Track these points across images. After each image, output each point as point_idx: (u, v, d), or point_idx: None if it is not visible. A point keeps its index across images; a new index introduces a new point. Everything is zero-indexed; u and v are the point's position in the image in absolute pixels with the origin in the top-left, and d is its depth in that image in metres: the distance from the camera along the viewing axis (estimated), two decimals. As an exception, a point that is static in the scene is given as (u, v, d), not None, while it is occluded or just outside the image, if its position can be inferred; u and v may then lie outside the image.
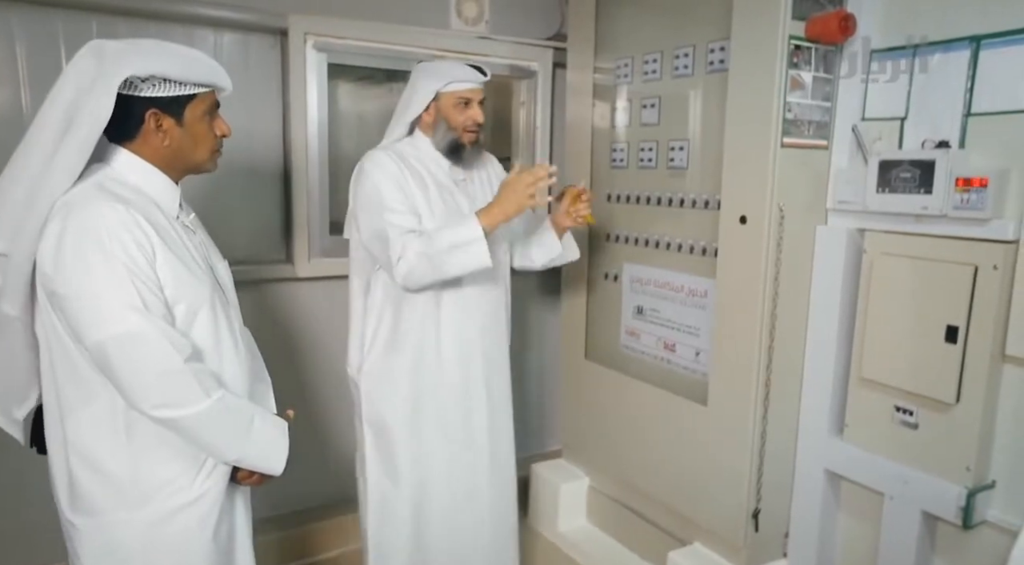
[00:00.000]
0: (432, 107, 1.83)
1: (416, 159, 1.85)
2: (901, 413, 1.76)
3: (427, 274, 1.72)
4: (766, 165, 1.81)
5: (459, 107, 1.83)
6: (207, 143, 1.31)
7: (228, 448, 1.27)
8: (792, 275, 1.89)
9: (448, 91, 1.81)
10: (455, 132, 1.84)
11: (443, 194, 1.85)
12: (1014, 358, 1.59)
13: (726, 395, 2.00)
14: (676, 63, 2.12)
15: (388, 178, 1.76)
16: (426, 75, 1.84)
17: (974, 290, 1.59)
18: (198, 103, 1.27)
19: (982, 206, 1.56)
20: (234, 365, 1.34)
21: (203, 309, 1.27)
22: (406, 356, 1.86)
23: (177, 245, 1.25)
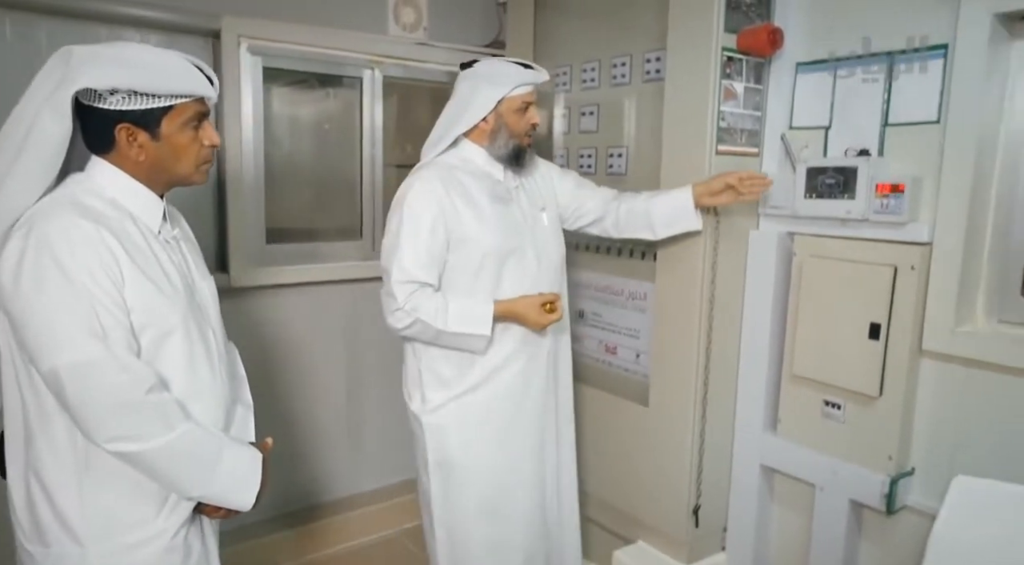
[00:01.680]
0: (492, 115, 1.73)
1: (467, 172, 1.75)
2: (830, 407, 1.85)
3: (423, 338, 1.72)
4: (703, 171, 1.87)
5: (520, 111, 1.75)
6: (190, 156, 1.22)
7: (191, 484, 1.19)
8: (727, 278, 1.96)
9: (512, 97, 1.73)
10: (517, 138, 1.76)
11: (496, 206, 1.75)
12: (930, 353, 1.70)
13: (667, 396, 2.05)
14: (614, 72, 2.17)
15: (424, 217, 1.67)
16: (486, 81, 1.72)
17: (894, 289, 1.69)
18: (176, 114, 1.18)
19: (900, 210, 1.67)
20: (211, 391, 1.26)
21: (175, 333, 1.19)
22: (478, 388, 1.78)
23: (150, 265, 1.17)
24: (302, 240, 2.54)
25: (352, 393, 2.67)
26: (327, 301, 2.56)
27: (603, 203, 1.95)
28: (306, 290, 2.47)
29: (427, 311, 1.67)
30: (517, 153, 1.78)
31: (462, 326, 1.68)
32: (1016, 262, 1.65)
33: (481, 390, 1.78)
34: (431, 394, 1.79)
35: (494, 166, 1.78)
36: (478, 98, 1.72)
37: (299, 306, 2.48)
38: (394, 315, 1.69)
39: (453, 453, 1.79)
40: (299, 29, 2.32)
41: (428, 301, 1.67)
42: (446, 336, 1.69)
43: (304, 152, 2.57)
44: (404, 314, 1.67)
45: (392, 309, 1.68)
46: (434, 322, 1.67)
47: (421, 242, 1.67)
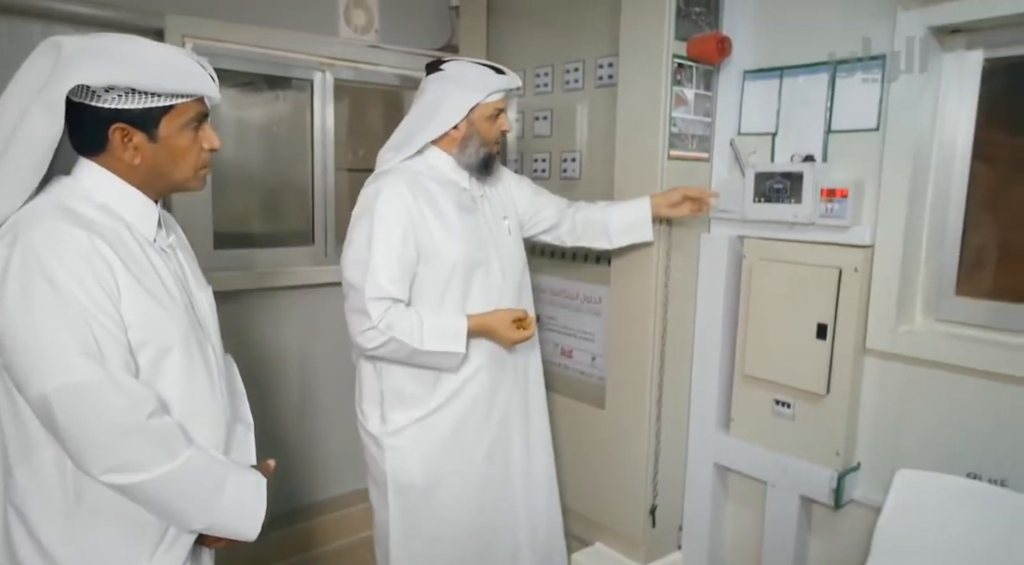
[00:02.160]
0: (464, 122, 1.67)
1: (432, 180, 1.69)
2: (780, 406, 1.90)
3: (396, 357, 1.64)
4: (655, 176, 1.90)
5: (492, 118, 1.69)
6: (189, 159, 1.13)
7: (195, 515, 1.10)
8: (680, 281, 2.00)
9: (486, 103, 1.66)
10: (487, 146, 1.70)
11: (463, 216, 1.70)
12: (873, 351, 1.76)
13: (622, 398, 2.07)
14: (567, 77, 2.19)
15: (394, 227, 1.59)
16: (459, 86, 1.64)
17: (839, 291, 1.75)
18: (176, 115, 1.09)
19: (843, 214, 1.73)
20: (211, 411, 1.18)
21: (175, 350, 1.10)
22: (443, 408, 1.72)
23: (148, 276, 1.08)
24: (252, 246, 2.47)
25: (306, 401, 2.61)
26: (279, 307, 2.50)
27: (558, 211, 1.95)
28: (256, 296, 2.41)
29: (402, 329, 1.58)
30: (487, 161, 1.72)
31: (438, 344, 1.61)
32: (951, 263, 1.72)
33: (447, 409, 1.72)
34: (393, 415, 1.71)
35: (460, 174, 1.73)
36: (449, 104, 1.65)
37: (249, 313, 2.42)
38: (365, 335, 1.59)
39: (415, 475, 1.71)
40: (247, 29, 2.26)
41: (403, 319, 1.59)
42: (420, 355, 1.62)
43: (253, 156, 2.51)
44: (377, 333, 1.58)
45: (363, 328, 1.58)
46: (410, 341, 1.59)
47: (393, 255, 1.59)
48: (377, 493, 1.77)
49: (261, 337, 2.47)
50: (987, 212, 1.68)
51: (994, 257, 1.68)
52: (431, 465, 1.72)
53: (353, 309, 1.61)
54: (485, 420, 1.78)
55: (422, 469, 1.72)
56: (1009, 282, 1.66)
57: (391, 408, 1.71)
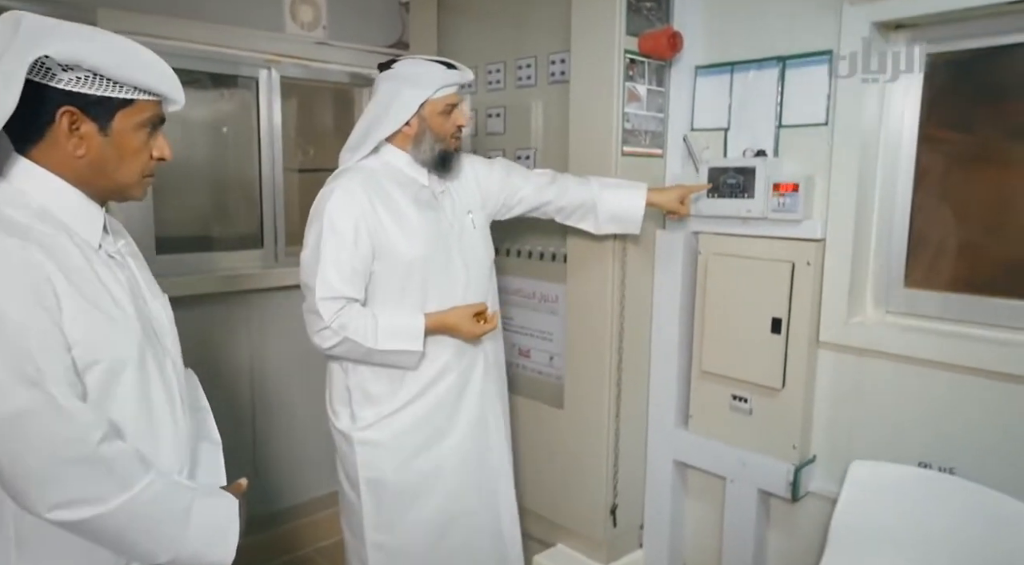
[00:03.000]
0: (416, 118, 1.65)
1: (390, 178, 1.67)
2: (737, 401, 1.90)
3: (352, 356, 1.63)
4: (609, 173, 1.89)
5: (444, 114, 1.67)
6: (137, 163, 1.04)
7: (159, 548, 1.00)
8: (636, 278, 1.99)
9: (436, 99, 1.65)
10: (442, 142, 1.68)
11: (422, 213, 1.68)
12: (826, 344, 1.77)
13: (581, 397, 2.05)
14: (519, 73, 2.16)
15: (345, 228, 1.57)
16: (408, 83, 1.63)
17: (792, 285, 1.76)
18: (133, 112, 1.01)
19: (795, 209, 1.74)
20: (172, 432, 1.09)
21: (128, 367, 1.01)
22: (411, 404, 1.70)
23: (93, 287, 0.98)
24: (198, 250, 2.39)
25: (258, 409, 2.53)
26: (229, 314, 2.42)
27: (537, 189, 1.87)
28: (204, 303, 2.32)
29: (355, 329, 1.58)
30: (443, 157, 1.70)
31: (393, 343, 1.61)
32: (899, 256, 1.75)
33: (415, 405, 1.70)
34: (361, 411, 1.70)
35: (418, 171, 1.70)
36: (399, 101, 1.63)
37: (197, 320, 2.33)
38: (320, 334, 1.59)
39: (387, 472, 1.70)
40: (186, 25, 2.17)
41: (356, 318, 1.59)
42: (376, 354, 1.62)
43: (198, 156, 2.42)
44: (331, 333, 1.58)
45: (317, 328, 1.59)
46: (364, 341, 1.59)
47: (345, 255, 1.58)
48: (351, 490, 1.75)
49: (211, 346, 2.38)
50: (933, 204, 1.71)
51: (940, 248, 1.71)
52: (403, 461, 1.71)
53: (308, 310, 1.62)
54: (454, 417, 1.76)
55: (394, 464, 1.70)
56: (955, 273, 1.69)
57: (360, 405, 1.70)
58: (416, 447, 1.71)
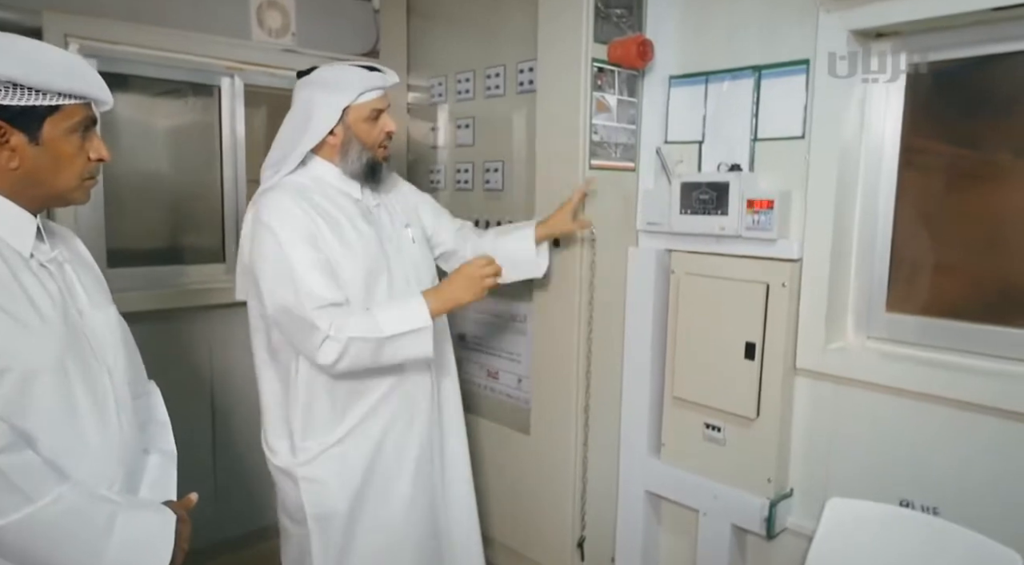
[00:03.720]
0: (339, 126, 1.53)
1: (321, 194, 1.54)
2: (711, 430, 1.79)
3: (362, 361, 1.46)
4: (576, 187, 1.79)
5: (370, 120, 1.56)
6: (74, 168, 1.05)
7: (74, 563, 0.98)
8: (607, 297, 1.88)
9: (359, 104, 1.53)
10: (370, 150, 1.57)
11: (359, 228, 1.56)
12: (803, 371, 1.67)
13: (548, 423, 1.95)
14: (488, 83, 2.07)
15: (298, 235, 1.45)
16: (327, 89, 1.52)
17: (767, 307, 1.65)
18: (62, 118, 1.01)
19: (770, 226, 1.63)
20: (101, 443, 1.05)
21: (44, 375, 0.99)
22: (357, 432, 1.58)
23: (11, 296, 0.98)
24: (154, 263, 2.29)
25: (219, 430, 2.42)
26: (187, 330, 2.32)
27: (454, 235, 1.84)
28: (160, 318, 2.22)
29: (356, 327, 1.43)
30: (372, 167, 1.58)
31: (401, 325, 1.46)
32: (881, 278, 1.64)
33: (362, 432, 1.58)
34: (304, 443, 1.56)
35: (350, 184, 1.59)
36: (319, 109, 1.52)
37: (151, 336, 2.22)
38: (323, 349, 1.42)
39: (336, 506, 1.57)
40: (141, 29, 2.09)
41: (350, 317, 1.45)
42: (388, 346, 1.46)
43: (157, 166, 2.33)
44: (333, 342, 1.42)
45: (318, 343, 1.42)
46: (370, 333, 1.44)
47: (315, 260, 1.45)
48: (295, 527, 1.62)
49: (170, 364, 2.27)
50: (917, 223, 1.60)
51: (924, 270, 1.61)
52: (352, 492, 1.58)
53: (297, 331, 1.45)
54: (403, 444, 1.65)
55: (343, 497, 1.58)
56: (940, 297, 1.58)
57: (302, 436, 1.57)
58: (367, 478, 1.60)
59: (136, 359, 1.24)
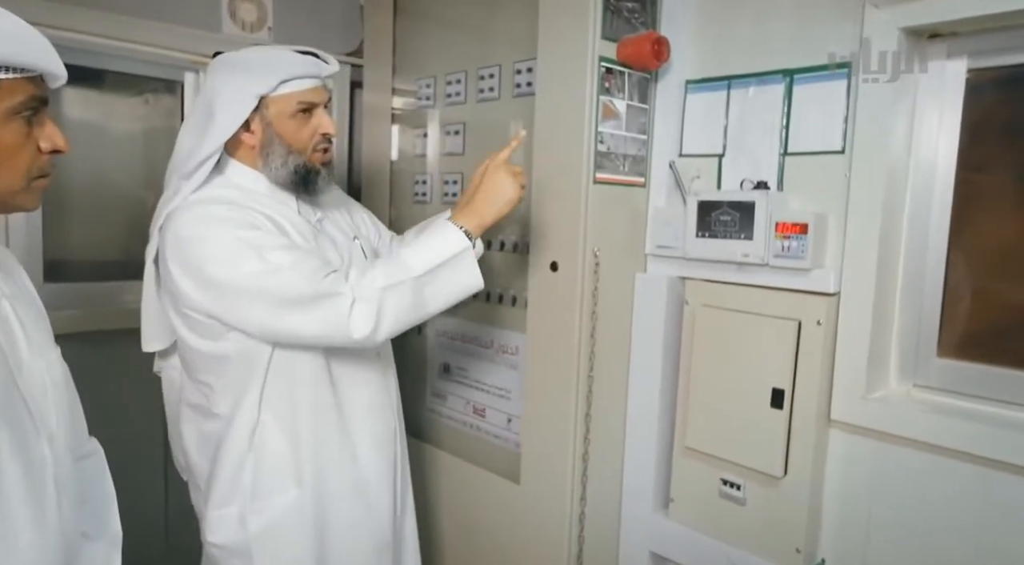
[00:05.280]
0: (257, 122, 1.26)
1: (251, 209, 1.25)
2: (728, 487, 1.55)
3: (404, 314, 1.18)
4: (578, 204, 1.56)
5: (300, 117, 1.27)
6: (18, 162, 0.82)
7: None
8: (610, 329, 1.65)
9: (281, 95, 1.24)
10: (301, 154, 1.29)
11: (307, 239, 1.31)
12: (838, 423, 1.43)
13: (541, 471, 1.70)
14: (481, 85, 1.85)
15: (247, 226, 1.18)
16: (235, 74, 1.24)
17: (799, 348, 1.42)
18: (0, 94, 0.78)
19: (803, 254, 1.40)
20: (36, 534, 0.83)
21: None
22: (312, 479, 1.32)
23: None
24: (101, 278, 2.05)
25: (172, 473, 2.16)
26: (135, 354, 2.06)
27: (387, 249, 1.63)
28: (103, 340, 1.97)
29: (383, 273, 1.17)
30: (305, 176, 1.30)
31: (434, 255, 1.21)
32: (931, 317, 1.41)
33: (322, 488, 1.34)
34: (259, 503, 1.28)
35: (284, 197, 1.32)
36: (226, 97, 1.22)
37: (95, 362, 1.97)
38: (354, 317, 1.13)
39: None
40: (93, 15, 1.86)
41: (367, 271, 1.18)
42: (428, 286, 1.20)
43: (110, 169, 2.10)
44: (363, 303, 1.14)
45: (346, 312, 1.13)
46: (404, 274, 1.17)
47: (286, 242, 1.20)
48: None
49: (112, 396, 2.01)
50: (975, 254, 1.38)
51: (985, 309, 1.38)
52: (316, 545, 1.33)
53: (312, 318, 1.15)
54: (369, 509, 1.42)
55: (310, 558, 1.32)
56: (1004, 341, 1.35)
57: (253, 496, 1.29)
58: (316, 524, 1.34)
59: (78, 412, 0.99)
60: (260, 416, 1.27)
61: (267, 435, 1.28)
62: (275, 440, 1.28)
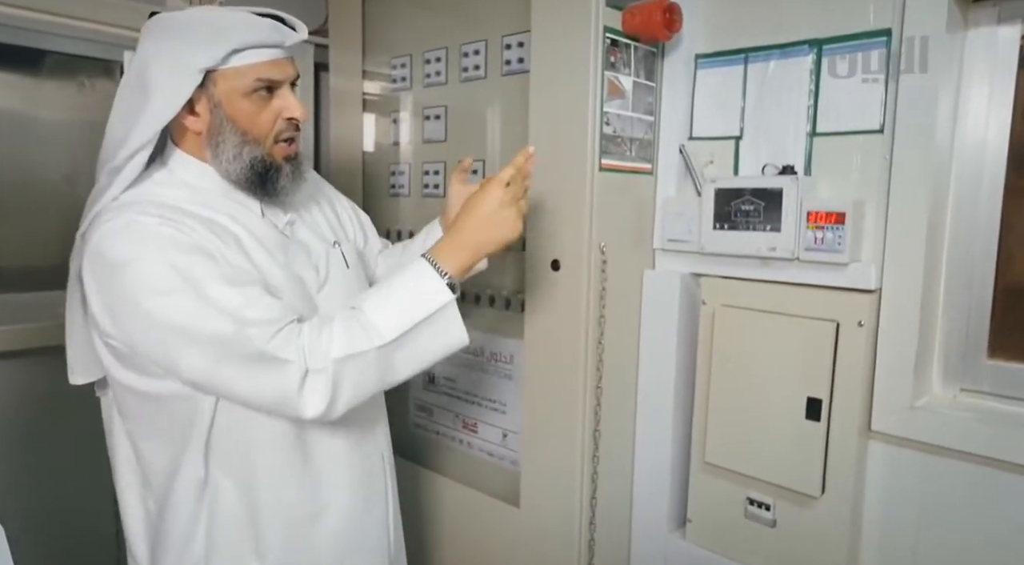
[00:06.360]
0: (203, 102, 0.99)
1: (203, 205, 1.01)
2: (756, 507, 1.39)
3: (367, 386, 0.96)
4: (582, 194, 1.38)
5: (257, 97, 1.01)
6: None
7: None
8: (618, 334, 1.47)
9: (233, 68, 0.98)
10: (258, 145, 1.03)
11: (272, 256, 1.04)
12: (880, 434, 1.28)
13: (543, 492, 1.52)
14: (465, 63, 1.65)
15: (183, 248, 0.93)
16: (176, 38, 0.96)
17: (836, 352, 1.26)
18: None
19: (840, 247, 1.25)
20: None
21: None
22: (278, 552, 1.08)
23: None
24: (30, 288, 1.80)
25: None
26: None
27: (377, 259, 1.41)
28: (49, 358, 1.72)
29: (341, 341, 0.93)
30: (263, 172, 1.03)
31: (409, 314, 0.96)
32: (980, 313, 1.27)
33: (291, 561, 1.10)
34: None
35: (242, 197, 1.06)
36: (164, 71, 0.96)
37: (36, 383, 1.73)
38: (306, 392, 0.91)
39: None
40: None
41: (324, 329, 0.93)
42: (400, 352, 0.96)
43: (40, 163, 1.85)
44: (317, 375, 0.91)
45: (295, 384, 0.91)
46: (368, 341, 0.93)
47: (230, 274, 0.94)
48: None
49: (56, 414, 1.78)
50: (1029, 243, 1.24)
51: (1042, 305, 1.25)
52: None
53: (252, 383, 0.92)
54: None
55: None
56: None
57: None
58: None
59: None
60: (209, 473, 1.03)
61: (220, 495, 1.04)
62: (229, 501, 1.04)
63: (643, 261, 1.53)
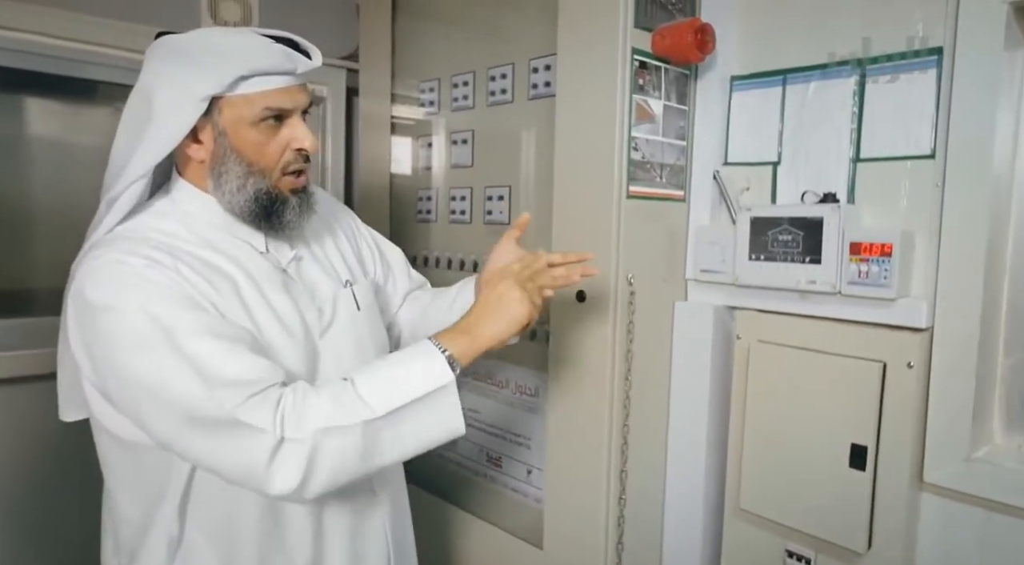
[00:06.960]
0: (207, 130, 0.94)
1: (200, 244, 0.96)
2: (795, 560, 1.29)
3: (348, 466, 0.87)
4: (609, 222, 1.32)
5: (265, 126, 0.95)
6: None
7: None
8: (648, 369, 1.40)
9: (240, 96, 0.93)
10: (264, 177, 0.97)
11: (272, 298, 0.98)
12: (933, 487, 1.17)
13: (567, 534, 1.45)
14: (492, 87, 1.62)
15: (166, 296, 0.87)
16: (180, 63, 0.92)
17: (883, 396, 1.16)
18: None
19: (886, 281, 1.15)
20: None
21: None
22: None
23: None
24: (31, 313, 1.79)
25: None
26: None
27: (405, 293, 1.32)
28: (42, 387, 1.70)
29: (322, 411, 0.85)
30: (268, 205, 0.97)
31: (408, 391, 0.88)
32: (1047, 355, 1.16)
33: None
34: None
35: (245, 231, 1.00)
36: (167, 98, 0.91)
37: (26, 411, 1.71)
38: (277, 463, 0.83)
39: None
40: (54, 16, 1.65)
41: (309, 396, 0.86)
42: (388, 431, 0.87)
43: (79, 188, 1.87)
44: (293, 446, 0.83)
45: (266, 455, 0.82)
46: (354, 414, 0.85)
47: (213, 325, 0.87)
48: None
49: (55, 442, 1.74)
50: (1102, 280, 1.12)
51: (1118, 348, 1.13)
52: None
53: (222, 450, 0.85)
54: None
55: None
56: None
57: None
58: None
59: None
60: (184, 532, 0.96)
61: (193, 556, 0.96)
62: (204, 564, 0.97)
63: (674, 293, 1.46)
